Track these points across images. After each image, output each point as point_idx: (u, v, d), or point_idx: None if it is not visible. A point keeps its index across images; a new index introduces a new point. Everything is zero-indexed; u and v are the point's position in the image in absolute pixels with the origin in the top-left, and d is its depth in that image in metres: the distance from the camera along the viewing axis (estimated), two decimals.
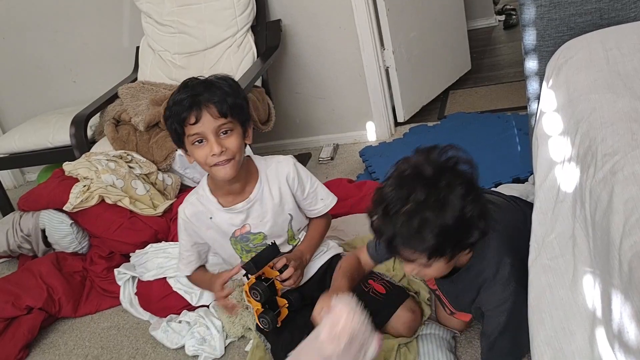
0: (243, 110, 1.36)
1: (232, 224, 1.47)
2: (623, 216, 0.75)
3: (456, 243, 1.04)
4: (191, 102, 1.29)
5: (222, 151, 1.31)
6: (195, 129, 1.30)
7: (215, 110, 1.29)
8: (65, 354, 1.85)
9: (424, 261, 1.05)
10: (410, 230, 0.99)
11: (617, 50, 1.25)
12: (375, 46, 2.76)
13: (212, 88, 1.31)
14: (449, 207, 0.99)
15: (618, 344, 0.69)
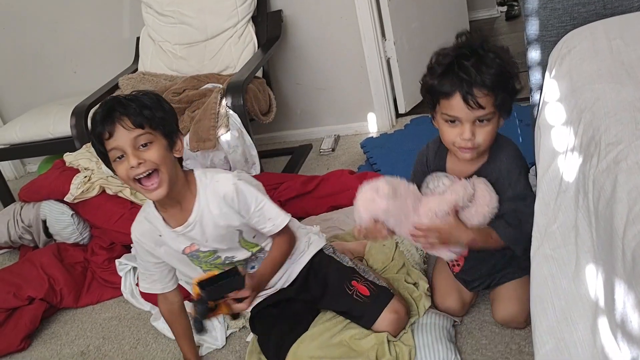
0: (165, 122, 1.28)
1: (180, 242, 1.40)
2: (627, 205, 0.75)
3: (508, 91, 1.25)
4: (103, 116, 1.24)
5: (139, 163, 1.24)
6: (112, 144, 1.24)
7: (129, 122, 1.23)
8: (67, 344, 1.85)
9: (490, 109, 1.23)
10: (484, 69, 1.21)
11: (621, 39, 1.24)
12: (376, 37, 2.75)
13: (127, 102, 1.25)
14: (500, 55, 1.24)
15: (621, 334, 0.69)
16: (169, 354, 1.69)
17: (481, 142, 1.27)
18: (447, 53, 1.26)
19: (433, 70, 1.28)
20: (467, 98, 1.21)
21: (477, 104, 1.21)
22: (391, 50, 2.84)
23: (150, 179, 1.27)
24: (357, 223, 1.32)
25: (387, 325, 1.42)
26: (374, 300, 1.45)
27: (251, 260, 1.50)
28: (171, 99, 2.37)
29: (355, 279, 1.49)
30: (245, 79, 2.34)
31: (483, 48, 1.24)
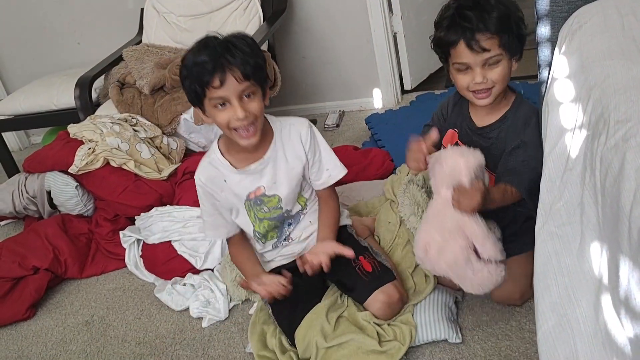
0: (262, 71, 1.32)
1: (246, 187, 1.44)
2: (635, 183, 0.74)
3: (515, 33, 1.31)
4: (214, 65, 1.24)
5: (245, 115, 1.28)
6: (220, 93, 1.27)
7: (240, 73, 1.25)
8: (72, 314, 1.88)
9: (496, 50, 1.29)
10: (485, 13, 1.27)
11: (633, 16, 1.21)
12: (383, 11, 2.71)
13: (233, 50, 1.26)
14: (504, 3, 1.30)
15: (624, 310, 0.69)
16: (172, 325, 1.70)
17: (495, 81, 1.33)
18: (450, 5, 1.34)
19: (439, 24, 1.36)
20: (471, 44, 1.28)
21: (481, 47, 1.28)
22: (398, 25, 2.80)
23: (248, 129, 1.31)
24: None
25: (377, 305, 1.42)
26: (373, 278, 1.45)
27: (297, 215, 1.53)
28: (175, 71, 2.35)
29: (364, 255, 1.50)
30: None
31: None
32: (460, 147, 1.35)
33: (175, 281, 1.84)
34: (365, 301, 1.44)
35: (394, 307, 1.44)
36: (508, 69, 1.35)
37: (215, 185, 1.44)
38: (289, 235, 1.55)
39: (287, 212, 1.49)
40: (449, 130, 1.53)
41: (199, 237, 1.89)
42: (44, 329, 1.84)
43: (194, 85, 1.29)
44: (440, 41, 1.36)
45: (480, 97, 1.37)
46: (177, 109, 2.33)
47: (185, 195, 2.06)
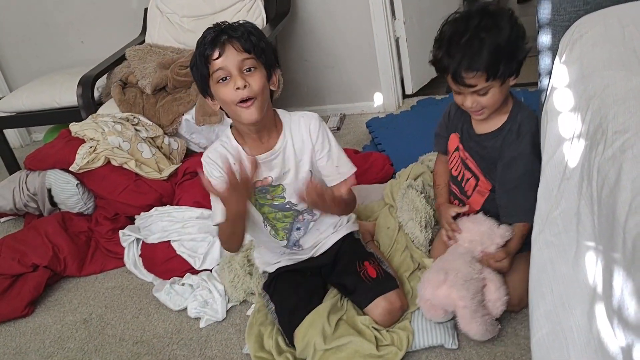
0: (266, 52, 1.34)
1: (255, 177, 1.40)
2: (630, 194, 0.75)
3: (508, 61, 1.27)
4: (214, 37, 1.29)
5: (245, 85, 1.29)
6: (219, 64, 1.29)
7: (239, 44, 1.28)
8: (70, 312, 1.88)
9: (483, 84, 1.28)
10: (472, 51, 1.24)
11: (634, 26, 1.22)
12: (386, 15, 2.72)
13: (236, 25, 1.32)
14: (500, 28, 1.25)
15: (617, 320, 0.70)
16: (170, 325, 1.71)
17: (485, 105, 1.34)
18: (444, 30, 1.32)
19: (435, 44, 1.35)
20: (456, 79, 1.29)
21: (467, 84, 1.29)
22: (400, 29, 2.81)
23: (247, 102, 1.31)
24: None
25: (378, 311, 1.43)
26: (376, 284, 1.46)
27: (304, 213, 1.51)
28: (178, 72, 2.36)
29: (369, 260, 1.51)
30: None
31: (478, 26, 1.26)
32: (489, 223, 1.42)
33: (174, 281, 1.84)
34: (367, 306, 1.45)
35: (394, 314, 1.44)
36: (499, 93, 1.34)
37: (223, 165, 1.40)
38: (299, 241, 1.55)
39: (290, 203, 1.48)
40: (452, 135, 1.55)
41: (198, 237, 1.90)
42: (42, 326, 1.84)
43: (199, 65, 1.31)
44: (433, 63, 1.38)
45: (475, 115, 1.40)
46: (178, 109, 2.34)
47: (185, 195, 2.07)
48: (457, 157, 1.53)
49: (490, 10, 1.29)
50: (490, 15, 1.28)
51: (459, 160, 1.52)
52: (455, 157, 1.54)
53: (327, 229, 1.57)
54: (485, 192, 1.47)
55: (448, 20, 1.33)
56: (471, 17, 1.28)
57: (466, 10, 1.31)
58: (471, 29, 1.25)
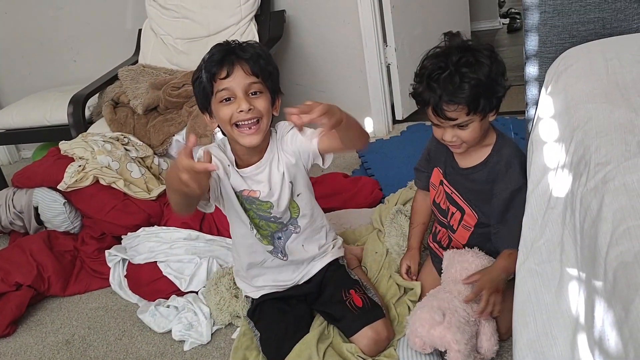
0: (273, 77, 1.34)
1: (242, 184, 1.42)
2: (611, 225, 0.76)
3: (488, 97, 1.27)
4: (223, 55, 1.27)
5: (250, 109, 1.27)
6: (226, 84, 1.27)
7: (248, 67, 1.27)
8: (52, 332, 1.85)
9: (464, 118, 1.28)
10: (453, 85, 1.25)
11: (617, 60, 1.25)
12: (377, 42, 2.76)
13: (245, 47, 1.30)
14: (480, 64, 1.26)
15: (598, 351, 0.70)
16: (154, 347, 1.69)
17: (465, 140, 1.34)
18: (425, 66, 1.32)
19: (416, 77, 1.36)
20: (437, 112, 1.30)
21: (447, 117, 1.29)
22: (392, 56, 2.85)
23: (251, 127, 1.30)
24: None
25: (365, 341, 1.41)
26: (363, 313, 1.45)
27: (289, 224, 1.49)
28: (170, 92, 2.38)
29: (355, 289, 1.50)
30: None
31: (459, 62, 1.26)
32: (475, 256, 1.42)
33: (159, 303, 1.83)
34: (353, 335, 1.43)
35: (381, 344, 1.43)
36: (479, 128, 1.33)
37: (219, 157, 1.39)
38: (284, 250, 1.52)
39: (275, 218, 1.46)
40: (435, 170, 1.53)
41: (185, 258, 1.89)
42: (23, 346, 1.81)
43: (203, 80, 1.29)
44: (413, 96, 1.38)
45: (454, 148, 1.40)
46: (169, 130, 2.35)
47: (173, 216, 2.06)
48: (443, 191, 1.51)
49: (471, 47, 1.29)
50: (471, 51, 1.28)
51: (444, 195, 1.51)
52: (441, 191, 1.52)
53: (312, 246, 1.54)
54: (470, 228, 1.46)
55: (429, 54, 1.33)
56: (452, 52, 1.28)
57: (447, 45, 1.32)
58: (452, 64, 1.26)
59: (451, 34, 1.34)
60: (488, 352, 1.33)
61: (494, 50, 1.31)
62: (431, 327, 1.30)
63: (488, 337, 1.33)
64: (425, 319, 1.32)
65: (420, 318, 1.33)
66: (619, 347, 0.66)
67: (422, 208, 1.63)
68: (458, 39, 1.32)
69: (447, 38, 1.33)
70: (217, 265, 1.88)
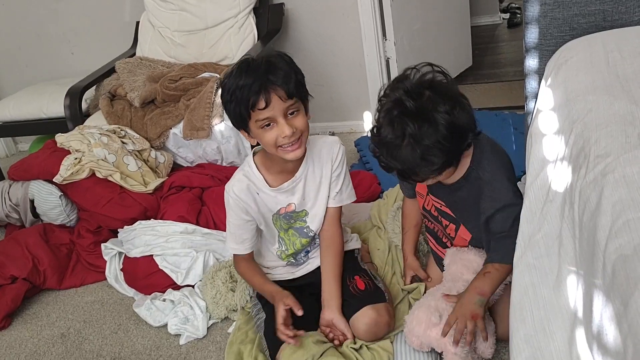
0: (303, 86, 1.34)
1: (278, 202, 1.47)
2: (610, 218, 0.75)
3: (457, 149, 1.19)
4: (259, 86, 1.26)
5: (292, 132, 1.30)
6: (266, 114, 1.28)
7: (283, 92, 1.27)
8: (47, 326, 1.84)
9: (436, 179, 1.24)
10: (416, 160, 1.15)
11: (618, 52, 1.24)
12: (377, 36, 2.74)
13: (274, 69, 1.28)
14: (441, 125, 1.12)
15: (596, 345, 0.69)
16: (149, 341, 1.68)
17: (446, 178, 1.29)
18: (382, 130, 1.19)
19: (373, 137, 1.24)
20: (405, 178, 1.24)
21: (416, 181, 1.26)
22: (391, 50, 2.83)
23: (294, 144, 1.33)
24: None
25: (365, 320, 1.39)
26: (365, 295, 1.45)
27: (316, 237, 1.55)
28: (167, 85, 2.36)
29: (360, 275, 1.51)
30: None
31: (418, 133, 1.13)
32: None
33: (155, 296, 1.82)
34: (354, 315, 1.42)
35: (380, 327, 1.41)
36: (455, 169, 1.26)
37: (248, 198, 1.46)
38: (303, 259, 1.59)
39: (308, 229, 1.52)
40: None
41: (181, 252, 1.88)
42: (18, 339, 1.80)
43: (239, 109, 1.29)
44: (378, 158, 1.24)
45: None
46: (166, 123, 2.33)
47: (170, 209, 2.05)
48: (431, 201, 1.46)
49: (427, 109, 1.14)
50: (426, 115, 1.14)
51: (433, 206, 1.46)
52: (429, 200, 1.46)
53: None
54: (466, 240, 1.42)
55: (382, 106, 1.21)
56: (406, 122, 1.14)
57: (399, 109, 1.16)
58: (409, 136, 1.13)
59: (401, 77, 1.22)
60: (484, 355, 1.32)
61: (455, 97, 1.18)
62: (428, 328, 1.29)
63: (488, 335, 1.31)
64: (422, 319, 1.30)
65: (417, 318, 1.32)
66: (617, 341, 0.65)
67: (412, 212, 1.59)
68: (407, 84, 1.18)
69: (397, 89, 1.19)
70: (214, 259, 1.87)
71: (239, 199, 1.45)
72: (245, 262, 1.55)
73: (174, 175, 2.25)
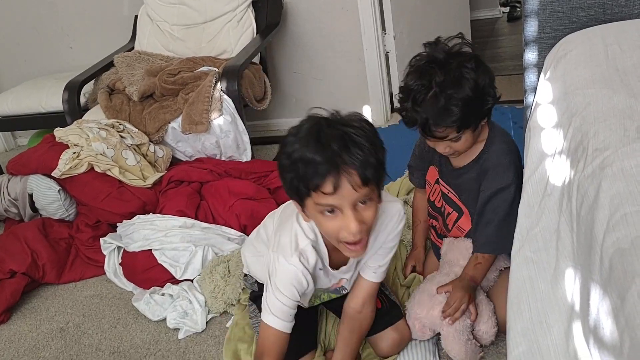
0: (383, 168, 1.05)
1: (332, 280, 1.28)
2: (608, 212, 0.74)
3: (477, 111, 1.22)
4: (328, 167, 0.98)
5: (359, 229, 1.03)
6: (331, 200, 1.00)
7: (358, 178, 0.99)
8: (47, 320, 1.85)
9: (454, 135, 1.24)
10: (440, 109, 1.18)
11: (617, 46, 1.23)
12: (376, 30, 2.73)
13: (352, 146, 0.99)
14: (466, 80, 1.18)
15: (593, 339, 0.69)
16: (148, 335, 1.68)
17: (458, 150, 1.31)
18: (409, 84, 1.23)
19: (400, 92, 1.29)
20: (426, 132, 1.26)
21: (437, 137, 1.26)
22: (390, 44, 2.82)
23: (357, 243, 1.07)
24: None
25: (387, 344, 1.38)
26: (383, 313, 1.40)
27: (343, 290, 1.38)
28: (166, 79, 2.35)
29: None
30: (242, 64, 2.32)
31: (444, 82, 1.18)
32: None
33: (154, 291, 1.82)
34: (375, 335, 1.39)
35: (403, 345, 1.41)
36: (472, 137, 1.28)
37: (311, 272, 1.20)
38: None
39: (344, 288, 1.35)
40: (431, 167, 1.51)
41: (180, 247, 1.88)
42: (17, 334, 1.80)
43: (299, 184, 1.02)
44: (400, 113, 1.30)
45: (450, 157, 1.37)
46: (165, 117, 2.33)
47: (168, 204, 2.04)
48: (439, 190, 1.48)
49: (453, 64, 1.19)
50: (453, 68, 1.19)
51: (440, 194, 1.48)
52: (437, 189, 1.49)
53: None
54: (464, 231, 1.44)
55: (412, 66, 1.25)
56: (435, 72, 1.19)
57: (429, 60, 1.22)
58: (436, 84, 1.18)
59: (432, 43, 1.26)
60: (486, 335, 1.32)
61: (479, 60, 1.23)
62: (431, 308, 1.31)
63: (485, 319, 1.32)
64: (423, 302, 1.33)
65: (418, 302, 1.34)
66: (614, 335, 0.65)
67: (423, 206, 1.60)
68: (439, 48, 1.24)
69: (428, 49, 1.25)
70: (212, 254, 1.87)
71: (308, 272, 1.16)
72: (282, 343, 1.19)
73: (172, 170, 2.24)
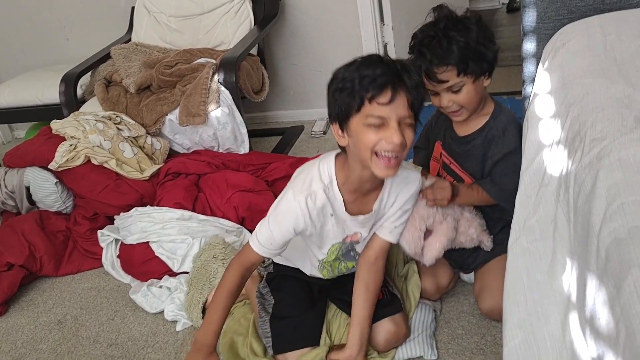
0: (421, 109, 1.16)
1: (346, 230, 1.31)
2: (605, 202, 0.74)
3: (476, 58, 1.29)
4: (390, 79, 1.08)
5: (401, 141, 1.10)
6: (383, 111, 1.08)
7: (410, 98, 1.10)
8: (44, 312, 1.84)
9: (455, 80, 1.30)
10: (442, 49, 1.28)
11: (616, 36, 1.22)
12: (374, 21, 2.72)
13: (409, 73, 1.11)
14: (468, 29, 1.28)
15: (589, 330, 0.69)
16: (146, 327, 1.68)
17: (461, 104, 1.35)
18: (416, 35, 1.36)
19: (409, 50, 1.39)
20: (429, 75, 1.32)
21: (438, 80, 1.31)
22: (389, 35, 2.81)
23: (391, 159, 1.13)
24: None
25: (382, 335, 1.38)
26: (382, 305, 1.41)
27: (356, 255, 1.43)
28: (163, 71, 2.34)
29: None
30: (239, 56, 2.31)
31: (447, 27, 1.29)
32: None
33: (152, 283, 1.81)
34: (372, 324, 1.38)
35: (399, 339, 1.40)
36: (474, 91, 1.33)
37: (318, 219, 1.25)
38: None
39: (354, 251, 1.40)
40: (436, 144, 1.56)
41: (177, 239, 1.87)
42: (14, 326, 1.80)
43: (351, 99, 1.10)
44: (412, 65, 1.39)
45: (454, 115, 1.40)
46: (162, 109, 2.32)
47: (166, 196, 2.04)
48: (438, 167, 1.53)
49: (457, 15, 1.33)
50: (457, 18, 1.32)
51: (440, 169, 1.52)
52: (435, 167, 1.53)
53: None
54: None
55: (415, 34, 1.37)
56: (440, 21, 1.32)
57: (435, 16, 1.35)
58: (440, 30, 1.30)
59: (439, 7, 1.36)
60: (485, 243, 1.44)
61: (480, 18, 1.34)
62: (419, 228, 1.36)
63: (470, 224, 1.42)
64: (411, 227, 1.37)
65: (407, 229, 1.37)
66: (610, 325, 0.64)
67: None
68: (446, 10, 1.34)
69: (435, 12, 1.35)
70: None
71: (309, 215, 1.22)
72: (240, 272, 1.28)
73: (170, 162, 2.24)
